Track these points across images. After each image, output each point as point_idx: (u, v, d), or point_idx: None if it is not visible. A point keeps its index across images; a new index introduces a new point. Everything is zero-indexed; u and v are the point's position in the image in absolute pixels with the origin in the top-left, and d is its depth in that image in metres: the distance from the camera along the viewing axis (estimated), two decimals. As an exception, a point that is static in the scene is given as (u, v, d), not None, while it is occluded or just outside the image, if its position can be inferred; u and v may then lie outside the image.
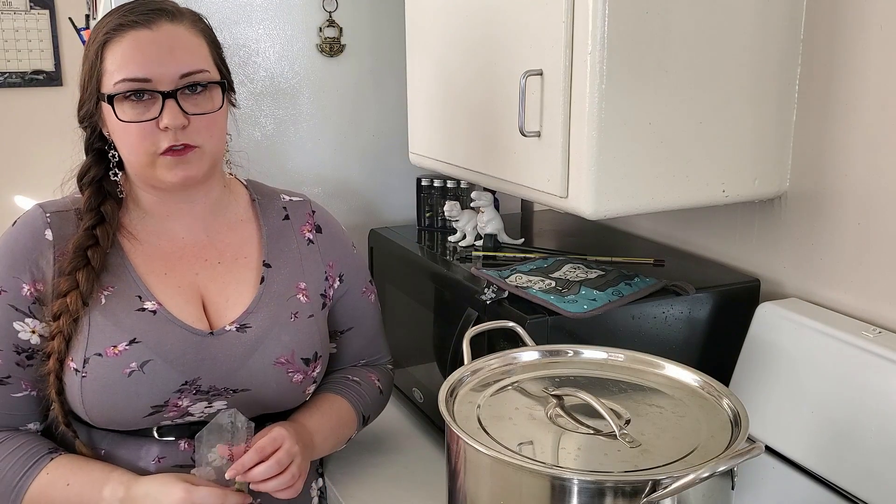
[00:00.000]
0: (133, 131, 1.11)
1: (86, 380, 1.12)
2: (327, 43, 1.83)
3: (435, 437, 1.49)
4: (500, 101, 1.28)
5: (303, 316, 1.25)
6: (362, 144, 1.92)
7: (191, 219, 1.22)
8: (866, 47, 1.16)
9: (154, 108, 1.10)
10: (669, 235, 1.55)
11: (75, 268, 1.13)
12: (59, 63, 4.14)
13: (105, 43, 1.12)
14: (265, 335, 1.20)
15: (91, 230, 1.16)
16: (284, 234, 1.29)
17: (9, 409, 1.17)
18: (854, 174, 1.20)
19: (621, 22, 1.09)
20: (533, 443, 0.90)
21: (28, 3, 4.13)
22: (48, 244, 1.16)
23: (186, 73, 1.11)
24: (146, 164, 1.13)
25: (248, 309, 1.21)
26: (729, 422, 0.93)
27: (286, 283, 1.25)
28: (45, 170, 4.11)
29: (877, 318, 1.18)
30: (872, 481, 1.04)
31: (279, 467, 1.10)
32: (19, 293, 1.14)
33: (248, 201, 1.30)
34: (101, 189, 1.19)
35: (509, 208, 1.86)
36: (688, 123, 1.18)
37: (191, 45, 1.14)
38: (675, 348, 1.27)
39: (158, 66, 1.10)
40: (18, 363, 1.15)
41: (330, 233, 1.34)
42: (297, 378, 1.22)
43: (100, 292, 1.15)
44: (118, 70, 1.11)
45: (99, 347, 1.13)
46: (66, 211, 1.19)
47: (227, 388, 1.18)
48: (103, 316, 1.14)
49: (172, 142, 1.11)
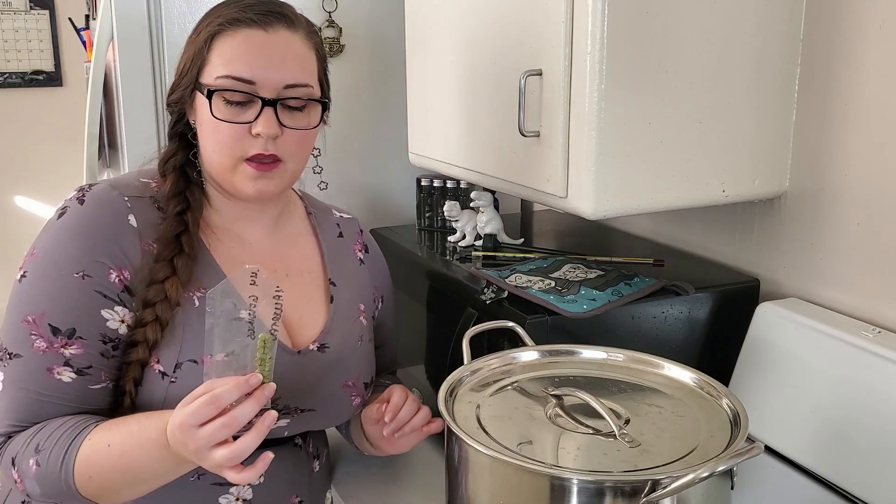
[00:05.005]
0: (223, 130, 1.06)
1: (174, 386, 1.04)
2: (327, 43, 1.83)
3: (435, 437, 1.49)
4: (500, 101, 1.28)
5: (365, 339, 1.24)
6: (362, 144, 1.92)
7: (257, 226, 1.17)
8: (866, 47, 1.16)
9: (250, 112, 1.06)
10: (669, 235, 1.55)
11: (171, 253, 1.06)
12: (59, 63, 4.14)
13: (217, 34, 1.07)
14: (339, 357, 1.17)
15: (180, 215, 1.09)
16: (341, 251, 1.27)
17: (82, 402, 1.05)
18: (854, 174, 1.20)
19: (621, 22, 1.09)
20: (532, 443, 0.90)
21: (28, 4, 4.13)
22: (133, 231, 1.07)
23: (291, 85, 1.07)
24: (228, 167, 1.08)
25: (324, 329, 1.17)
26: (728, 422, 0.93)
27: (350, 304, 1.23)
28: (45, 170, 4.12)
29: (877, 318, 1.18)
30: (872, 481, 1.04)
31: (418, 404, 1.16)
32: (107, 279, 1.04)
33: (304, 214, 1.26)
34: (185, 175, 1.13)
35: (509, 208, 1.86)
36: (687, 123, 1.18)
37: (302, 56, 1.10)
38: (675, 348, 1.27)
39: (266, 70, 1.06)
40: (104, 353, 1.05)
41: (375, 253, 1.33)
42: (356, 402, 1.21)
43: (192, 292, 1.08)
44: (224, 65, 1.06)
45: (194, 354, 1.05)
46: (142, 197, 1.10)
47: (297, 408, 1.13)
48: (200, 319, 1.03)
49: (262, 150, 1.06)
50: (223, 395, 0.91)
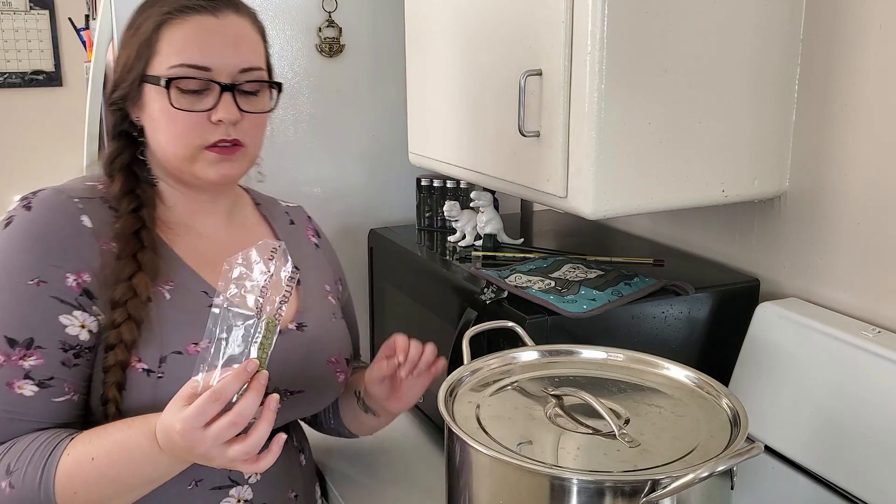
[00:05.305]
0: (180, 120, 1.05)
1: (162, 381, 1.01)
2: (327, 43, 1.83)
3: (435, 437, 1.49)
4: (500, 101, 1.28)
5: (338, 316, 1.25)
6: (362, 144, 1.92)
7: (212, 219, 1.18)
8: (866, 47, 1.16)
9: (208, 100, 1.05)
10: (669, 235, 1.55)
11: (134, 250, 1.04)
12: (59, 63, 4.15)
13: (164, 23, 1.05)
14: (319, 334, 1.19)
15: (135, 212, 1.08)
16: (296, 238, 1.28)
17: (48, 417, 1.01)
18: (854, 174, 1.20)
19: (621, 22, 1.09)
20: (532, 443, 0.90)
21: (28, 4, 4.13)
22: (88, 231, 1.04)
23: (246, 69, 1.07)
24: (187, 157, 1.07)
25: (299, 308, 1.18)
26: (728, 421, 0.93)
27: (316, 285, 1.25)
28: (45, 170, 4.12)
29: (876, 318, 1.18)
30: (872, 481, 1.04)
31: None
32: (63, 284, 1.01)
33: (252, 206, 1.28)
34: (133, 173, 1.12)
35: (509, 208, 1.86)
36: (687, 123, 1.18)
37: (253, 39, 1.10)
38: (675, 348, 1.27)
39: (221, 56, 1.05)
40: (64, 362, 1.01)
41: (325, 239, 1.36)
42: (341, 378, 1.21)
43: (160, 286, 1.06)
44: (177, 53, 1.05)
45: (178, 345, 1.03)
46: (92, 198, 1.08)
47: (286, 390, 1.13)
48: (174, 311, 1.05)
49: (223, 136, 1.06)
50: (225, 389, 0.88)
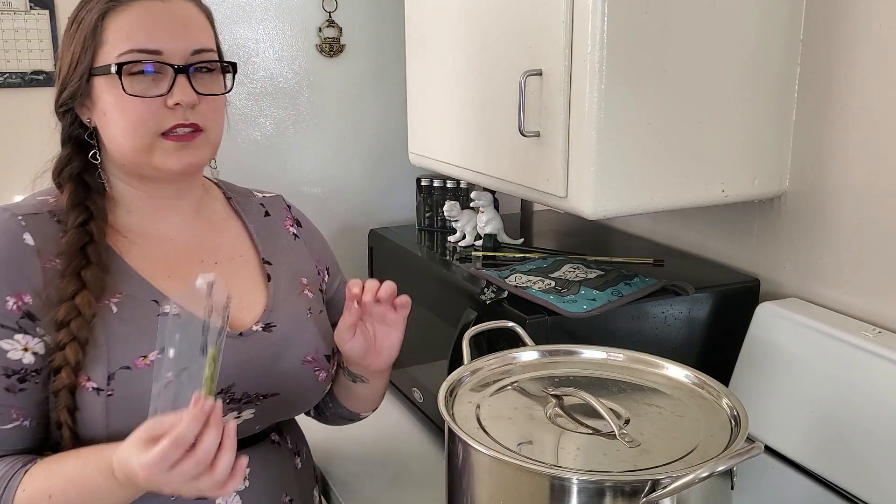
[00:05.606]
0: (135, 108, 1.01)
1: (112, 398, 0.99)
2: (327, 43, 1.83)
3: (435, 437, 1.49)
4: (500, 101, 1.28)
5: (315, 312, 1.20)
6: (362, 144, 1.92)
7: (177, 217, 1.13)
8: (866, 47, 1.16)
9: (162, 84, 1.02)
10: (669, 235, 1.55)
11: (78, 267, 1.00)
12: (60, 63, 4.15)
13: (107, 12, 1.02)
14: (290, 334, 1.14)
15: (83, 226, 1.04)
16: (271, 230, 1.24)
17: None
18: (854, 174, 1.20)
19: (620, 22, 1.09)
20: (532, 443, 0.90)
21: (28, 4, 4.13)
22: (31, 250, 1.01)
23: (198, 50, 1.04)
24: (144, 147, 1.03)
25: (267, 307, 1.14)
26: (728, 421, 0.93)
27: (291, 280, 1.21)
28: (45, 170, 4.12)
29: (877, 317, 1.18)
30: (871, 480, 1.04)
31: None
32: (3, 307, 0.98)
33: (223, 200, 1.23)
34: (83, 183, 1.08)
35: (509, 208, 1.86)
36: (687, 123, 1.18)
37: (201, 22, 1.08)
38: (675, 348, 1.27)
39: (171, 39, 1.02)
40: (9, 388, 0.98)
41: (308, 226, 1.31)
42: (322, 376, 1.18)
43: (106, 301, 1.02)
44: (125, 40, 1.01)
45: (126, 360, 1.00)
46: (37, 214, 1.05)
47: (258, 394, 1.10)
48: (121, 325, 1.01)
49: (181, 120, 1.02)
50: (186, 434, 0.86)
